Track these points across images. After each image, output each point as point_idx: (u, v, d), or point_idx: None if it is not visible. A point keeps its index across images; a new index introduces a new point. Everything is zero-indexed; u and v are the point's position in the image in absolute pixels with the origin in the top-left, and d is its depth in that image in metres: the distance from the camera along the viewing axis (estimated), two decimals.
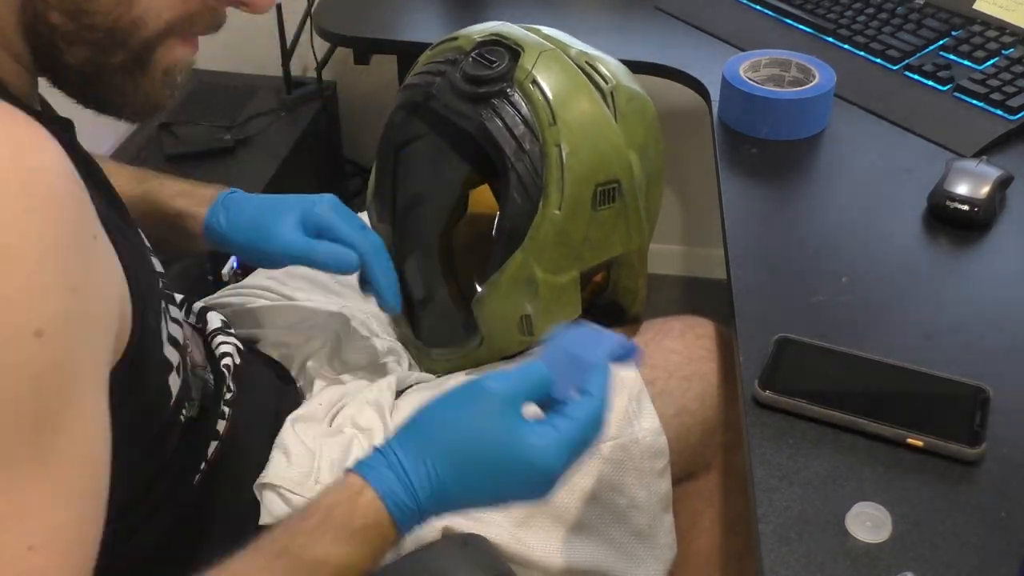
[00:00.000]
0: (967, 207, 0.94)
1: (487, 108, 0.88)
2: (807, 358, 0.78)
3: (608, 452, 0.88)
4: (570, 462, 0.65)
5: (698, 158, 1.55)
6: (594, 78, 0.90)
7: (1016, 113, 1.09)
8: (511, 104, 0.87)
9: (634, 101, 0.92)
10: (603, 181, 0.88)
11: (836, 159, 1.08)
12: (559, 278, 0.89)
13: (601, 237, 0.90)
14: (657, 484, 0.91)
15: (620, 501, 0.89)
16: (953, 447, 0.70)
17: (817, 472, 0.70)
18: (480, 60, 0.90)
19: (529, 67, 0.88)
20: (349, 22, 1.43)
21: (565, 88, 0.88)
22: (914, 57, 1.21)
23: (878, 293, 0.88)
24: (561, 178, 0.86)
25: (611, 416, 0.87)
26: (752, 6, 1.36)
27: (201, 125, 1.79)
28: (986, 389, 0.74)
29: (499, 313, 0.91)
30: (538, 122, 0.86)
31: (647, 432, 0.90)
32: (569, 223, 0.87)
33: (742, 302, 0.86)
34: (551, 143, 0.86)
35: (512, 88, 0.88)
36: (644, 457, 0.90)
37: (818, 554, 0.64)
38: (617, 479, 0.89)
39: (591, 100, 0.89)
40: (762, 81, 1.12)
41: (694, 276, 2.12)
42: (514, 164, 0.86)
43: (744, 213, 1.00)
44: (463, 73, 0.90)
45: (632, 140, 0.90)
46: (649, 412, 0.91)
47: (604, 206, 0.89)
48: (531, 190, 0.87)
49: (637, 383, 0.92)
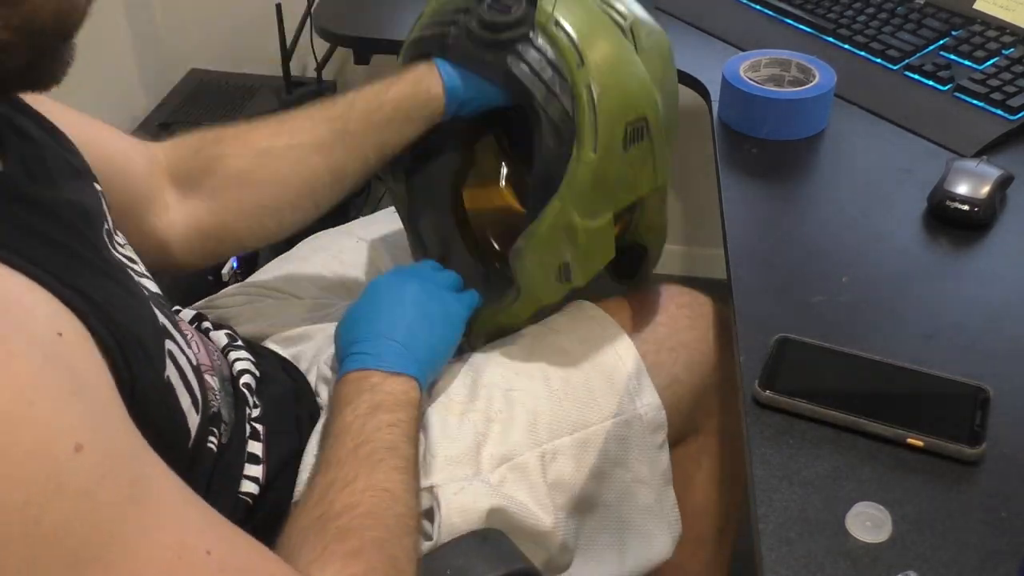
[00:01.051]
0: (967, 207, 0.94)
1: (511, 54, 0.86)
2: (807, 358, 0.78)
3: (613, 429, 0.90)
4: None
5: (698, 158, 1.55)
6: (612, 15, 0.89)
7: (1016, 113, 1.09)
8: (536, 48, 0.85)
9: (652, 35, 0.91)
10: (633, 119, 0.86)
11: (836, 159, 1.08)
12: (595, 222, 0.88)
13: (632, 176, 0.89)
14: (658, 457, 0.94)
15: (626, 476, 0.91)
16: (953, 447, 0.70)
17: (817, 472, 0.70)
18: (495, 6, 0.88)
19: (550, 9, 0.85)
20: (349, 22, 1.43)
21: (589, 27, 0.86)
22: (914, 57, 1.21)
23: (878, 293, 0.88)
24: (594, 120, 0.84)
25: (611, 394, 0.92)
26: (752, 6, 1.36)
27: (201, 125, 1.79)
28: (986, 389, 0.74)
29: (539, 263, 0.90)
30: (566, 64, 0.84)
31: (648, 407, 0.93)
32: (604, 164, 0.85)
33: (742, 302, 0.86)
34: (581, 85, 0.84)
35: (534, 32, 0.86)
36: (646, 432, 0.92)
37: (818, 554, 0.64)
38: (622, 455, 0.91)
39: (614, 38, 0.87)
40: (762, 81, 1.12)
41: (694, 276, 2.12)
42: (545, 108, 0.85)
43: (744, 213, 1.00)
44: (480, 20, 0.87)
45: (654, 75, 0.89)
46: (649, 388, 0.94)
47: (634, 144, 0.87)
48: (565, 134, 0.85)
49: (635, 360, 0.95)
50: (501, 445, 0.86)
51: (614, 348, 0.95)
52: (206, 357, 0.81)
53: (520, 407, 0.88)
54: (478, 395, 0.89)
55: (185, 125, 1.78)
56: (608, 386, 0.92)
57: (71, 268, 0.58)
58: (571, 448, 0.88)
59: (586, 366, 0.93)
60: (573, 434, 0.89)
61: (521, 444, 0.86)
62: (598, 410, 0.91)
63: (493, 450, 0.85)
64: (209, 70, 1.95)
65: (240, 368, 0.86)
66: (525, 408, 0.88)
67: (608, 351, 0.95)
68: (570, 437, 0.89)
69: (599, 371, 0.93)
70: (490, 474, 0.84)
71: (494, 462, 0.85)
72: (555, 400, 0.90)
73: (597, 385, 0.92)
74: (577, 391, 0.91)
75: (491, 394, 0.89)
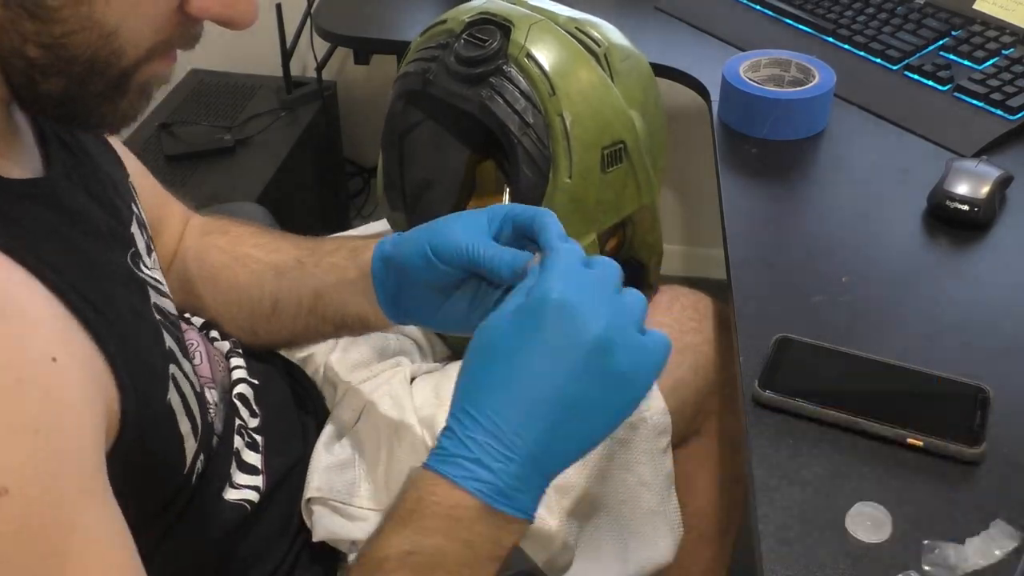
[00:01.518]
0: (967, 207, 0.94)
1: (486, 87, 0.89)
2: (807, 358, 0.78)
3: (618, 434, 0.91)
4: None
5: (698, 158, 1.55)
6: (586, 43, 0.92)
7: (1016, 113, 1.09)
8: (509, 80, 0.88)
9: (628, 60, 0.94)
10: (608, 144, 0.90)
11: (836, 159, 1.08)
12: (579, 243, 0.89)
13: (613, 197, 0.92)
14: (662, 461, 0.94)
15: (630, 480, 0.92)
16: (953, 447, 0.70)
17: (817, 472, 0.70)
18: (472, 40, 0.91)
19: (522, 41, 0.89)
20: (349, 22, 1.43)
21: (560, 57, 0.89)
22: (914, 57, 1.21)
23: (878, 293, 0.88)
24: (568, 146, 0.87)
25: None
26: (752, 6, 1.36)
27: (201, 125, 1.79)
28: (986, 389, 0.74)
29: None
30: (538, 94, 0.88)
31: (654, 411, 0.93)
32: (581, 189, 0.89)
33: (742, 302, 0.86)
34: (553, 113, 0.87)
35: (508, 64, 0.89)
36: (651, 436, 0.93)
37: (818, 554, 0.64)
38: (627, 458, 0.92)
39: (586, 66, 0.90)
40: (762, 81, 1.12)
41: (694, 276, 2.12)
42: (520, 139, 0.88)
43: (744, 213, 1.00)
44: (457, 56, 0.90)
45: (631, 98, 0.92)
46: (655, 392, 0.94)
47: (612, 167, 0.90)
48: (540, 162, 0.88)
49: None
50: None
51: None
52: (207, 369, 0.80)
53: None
54: None
55: (185, 125, 1.78)
56: None
57: (90, 279, 0.58)
58: None
59: None
60: None
61: None
62: None
63: None
64: (209, 70, 1.95)
65: (237, 377, 0.85)
66: None
67: None
68: None
69: None
70: None
71: None
72: None
73: None
74: None
75: None
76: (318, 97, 1.88)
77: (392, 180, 1.01)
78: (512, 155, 0.88)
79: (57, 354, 0.51)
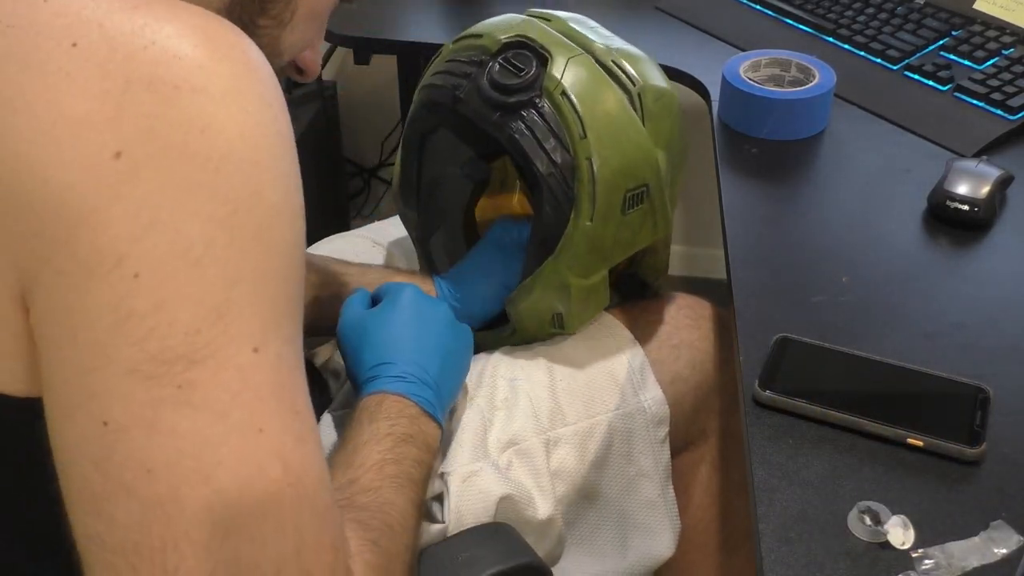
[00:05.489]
0: (967, 207, 0.94)
1: (516, 119, 0.87)
2: (807, 358, 0.78)
3: (617, 422, 0.92)
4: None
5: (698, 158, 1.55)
6: (622, 80, 0.90)
7: (1016, 113, 1.09)
8: (541, 116, 0.87)
9: (662, 100, 0.91)
10: (633, 187, 0.89)
11: (836, 159, 1.08)
12: (590, 280, 0.91)
13: (630, 236, 0.92)
14: (661, 452, 0.95)
15: (629, 470, 0.93)
16: (953, 447, 0.70)
17: (817, 472, 0.70)
18: (507, 66, 0.89)
19: (558, 76, 0.87)
20: (349, 22, 1.43)
21: (593, 97, 0.87)
22: (914, 57, 1.21)
23: (878, 293, 0.88)
24: (592, 191, 0.86)
25: (614, 387, 0.94)
26: (752, 6, 1.36)
27: None
28: (986, 389, 0.74)
29: (532, 312, 0.94)
30: (568, 135, 0.86)
31: (652, 401, 0.95)
32: (600, 231, 0.88)
33: (742, 302, 0.86)
34: (582, 156, 0.86)
35: (541, 98, 0.87)
36: (649, 425, 0.94)
37: (818, 554, 0.64)
38: (625, 448, 0.93)
39: (620, 107, 0.88)
40: (762, 81, 1.12)
41: (694, 276, 2.12)
42: (545, 179, 0.86)
43: (744, 213, 1.00)
44: (491, 80, 0.88)
45: (659, 138, 0.91)
46: (652, 382, 0.96)
47: (633, 209, 0.90)
48: (563, 202, 0.87)
49: (639, 355, 0.96)
50: (506, 430, 0.88)
51: (617, 344, 0.98)
52: None
53: (524, 395, 0.91)
54: (483, 383, 0.92)
55: None
56: (611, 380, 0.94)
57: None
58: (574, 437, 0.90)
59: (589, 361, 0.95)
60: (576, 424, 0.91)
61: (526, 430, 0.89)
62: (601, 402, 0.93)
63: (499, 435, 0.88)
64: None
65: None
66: (529, 396, 0.91)
67: (611, 347, 0.97)
68: (573, 427, 0.91)
69: (602, 366, 0.95)
70: (498, 457, 0.86)
71: (501, 446, 0.87)
72: (558, 391, 0.92)
73: (600, 379, 0.94)
74: (580, 384, 0.93)
75: (496, 383, 0.92)
76: (318, 97, 1.87)
77: (408, 176, 1.00)
78: (537, 192, 0.88)
79: None
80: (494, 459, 0.86)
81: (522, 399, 0.90)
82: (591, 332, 0.98)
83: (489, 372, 0.93)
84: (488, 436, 0.87)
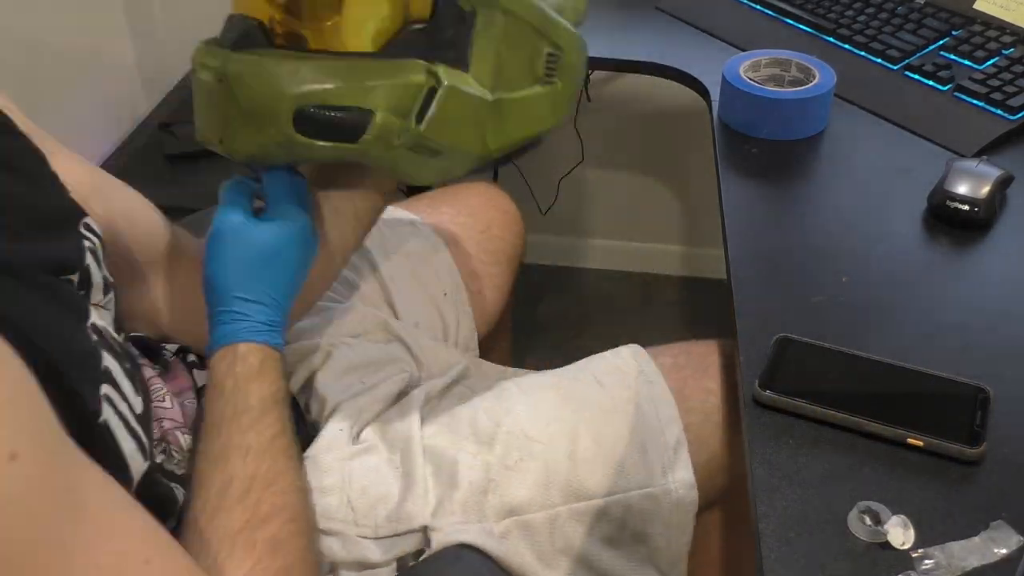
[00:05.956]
0: (967, 207, 0.94)
1: None
2: (807, 358, 0.78)
3: (637, 502, 0.85)
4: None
5: (698, 158, 1.55)
6: None
7: (1016, 113, 1.09)
8: None
9: None
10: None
11: (836, 159, 1.08)
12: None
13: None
14: (680, 537, 0.88)
15: (642, 551, 0.87)
16: (953, 447, 0.70)
17: (817, 472, 0.70)
18: None
19: None
20: None
21: None
22: (914, 57, 1.21)
23: (878, 293, 0.88)
24: None
25: (642, 464, 0.86)
26: (752, 6, 1.36)
27: None
28: (986, 389, 0.74)
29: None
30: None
31: (680, 484, 0.87)
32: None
33: (742, 302, 0.86)
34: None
35: None
36: (673, 510, 0.86)
37: (818, 554, 0.64)
38: (642, 529, 0.86)
39: None
40: (762, 81, 1.12)
41: (694, 276, 2.12)
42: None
43: (744, 213, 1.00)
44: None
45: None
46: (685, 463, 0.87)
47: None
48: None
49: (678, 433, 0.89)
50: (510, 497, 0.83)
51: (657, 415, 0.89)
52: (179, 414, 0.79)
53: (538, 462, 0.84)
54: (497, 438, 0.86)
55: (185, 125, 1.78)
56: (640, 456, 0.86)
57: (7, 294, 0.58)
58: (585, 515, 0.84)
59: (623, 430, 0.87)
60: (590, 501, 0.84)
61: (532, 502, 0.83)
62: (624, 479, 0.85)
63: (501, 500, 0.83)
64: None
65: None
66: (543, 465, 0.84)
67: (651, 417, 0.89)
68: (586, 503, 0.84)
69: (635, 438, 0.87)
70: (494, 524, 0.82)
71: (500, 513, 0.83)
72: (577, 463, 0.85)
73: (629, 453, 0.86)
74: (605, 457, 0.86)
75: (510, 440, 0.85)
76: None
77: None
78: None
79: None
80: (489, 524, 0.81)
81: (535, 466, 0.84)
82: (633, 396, 0.89)
83: (507, 426, 0.86)
84: (488, 497, 0.82)
